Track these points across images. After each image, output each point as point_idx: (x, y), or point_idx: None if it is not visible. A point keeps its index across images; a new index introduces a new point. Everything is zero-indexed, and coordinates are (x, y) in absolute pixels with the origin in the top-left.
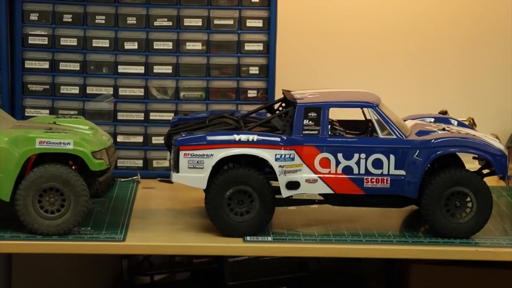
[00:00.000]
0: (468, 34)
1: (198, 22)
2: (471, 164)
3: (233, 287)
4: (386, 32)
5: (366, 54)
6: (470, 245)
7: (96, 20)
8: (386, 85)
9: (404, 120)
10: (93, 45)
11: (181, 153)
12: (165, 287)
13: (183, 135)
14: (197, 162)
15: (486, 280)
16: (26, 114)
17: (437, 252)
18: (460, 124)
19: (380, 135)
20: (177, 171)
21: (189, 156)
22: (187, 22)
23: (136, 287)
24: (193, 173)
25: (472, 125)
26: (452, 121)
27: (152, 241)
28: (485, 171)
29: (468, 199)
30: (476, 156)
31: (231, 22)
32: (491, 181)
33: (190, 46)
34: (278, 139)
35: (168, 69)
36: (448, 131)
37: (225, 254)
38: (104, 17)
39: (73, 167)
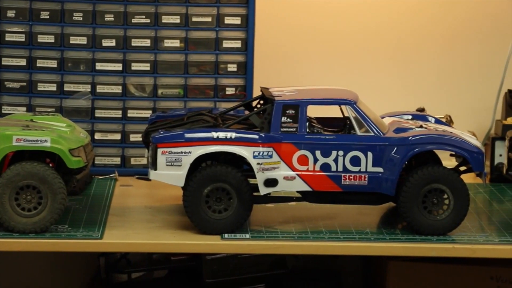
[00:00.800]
0: (446, 32)
1: (176, 20)
2: (448, 161)
3: (211, 284)
4: (364, 29)
5: (344, 52)
6: (447, 242)
7: (73, 17)
8: (364, 82)
9: (382, 118)
10: (71, 42)
11: (159, 150)
12: (143, 284)
13: (161, 132)
14: (175, 159)
15: (463, 276)
16: (3, 112)
17: (414, 249)
18: (438, 121)
19: (358, 132)
20: (155, 169)
21: (167, 153)
22: (165, 19)
23: (113, 285)
24: (171, 171)
25: (449, 122)
26: (430, 118)
27: (130, 238)
28: (462, 168)
29: (445, 196)
30: (453, 153)
31: (209, 19)
32: (468, 178)
33: (168, 43)
34: (256, 136)
35: (146, 67)
36: (426, 128)
37: (203, 251)
38: (81, 14)
39: (50, 165)
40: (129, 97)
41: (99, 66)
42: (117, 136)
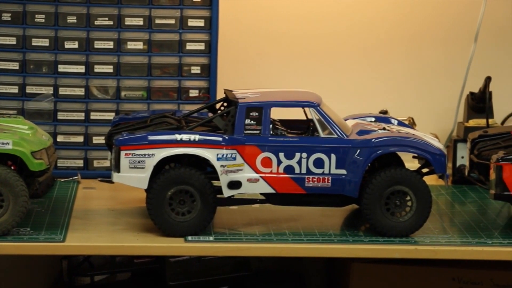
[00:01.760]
0: (408, 34)
1: (140, 22)
2: (411, 163)
3: (174, 287)
4: (328, 32)
5: (307, 54)
6: (410, 243)
7: (35, 19)
8: (327, 84)
9: (345, 120)
10: (33, 44)
11: (122, 153)
12: (106, 287)
13: (124, 134)
14: (138, 162)
15: (425, 278)
16: None
17: (377, 250)
18: (400, 123)
19: (321, 134)
20: (118, 171)
21: (130, 156)
22: (128, 21)
23: None
24: (134, 173)
25: (412, 124)
26: (392, 120)
27: (93, 241)
28: (425, 170)
29: (408, 198)
30: (416, 155)
31: (172, 21)
32: (431, 180)
33: (131, 45)
34: (220, 138)
35: (109, 69)
36: (389, 130)
37: (166, 254)
38: (43, 16)
39: (12, 167)
40: (92, 100)
41: (61, 68)
42: (80, 139)
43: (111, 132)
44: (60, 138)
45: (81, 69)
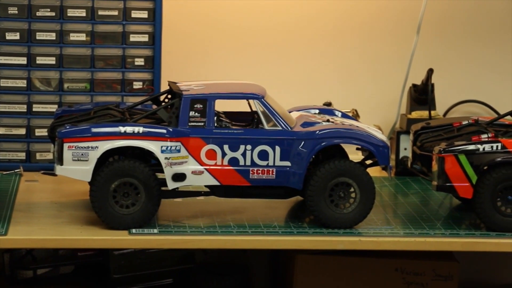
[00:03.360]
0: (351, 26)
1: (82, 13)
2: (355, 155)
3: (118, 280)
4: (272, 24)
5: (252, 46)
6: (354, 235)
7: None
8: (271, 76)
9: (289, 112)
10: None
11: (65, 145)
12: (49, 281)
13: (67, 127)
14: (82, 154)
15: (369, 269)
16: None
17: (322, 242)
18: (344, 115)
19: (266, 126)
20: (61, 164)
21: (73, 148)
22: (71, 12)
23: (18, 282)
24: (78, 166)
25: (355, 116)
26: (336, 112)
27: (35, 234)
28: (368, 161)
29: (352, 189)
30: (360, 147)
31: (115, 13)
32: (374, 171)
33: (74, 37)
34: (164, 131)
35: (51, 60)
36: (332, 122)
37: (110, 247)
38: None
39: None
40: (34, 92)
41: (2, 59)
42: (22, 131)
43: (54, 124)
44: (1, 131)
45: (22, 60)
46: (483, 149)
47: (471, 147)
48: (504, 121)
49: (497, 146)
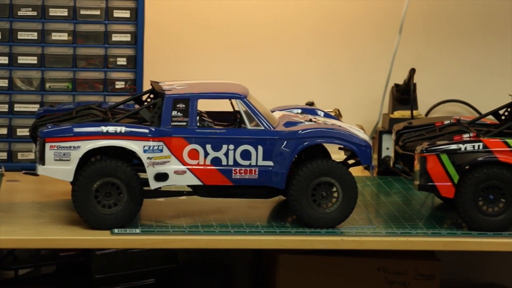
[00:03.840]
0: (334, 26)
1: (64, 12)
2: (337, 154)
3: (100, 280)
4: (255, 23)
5: (235, 46)
6: (336, 234)
7: None
8: (254, 76)
9: (272, 112)
10: None
11: (47, 145)
12: (30, 281)
13: (49, 126)
14: (64, 154)
15: (351, 268)
16: None
17: (304, 242)
18: (327, 115)
19: (248, 126)
20: (43, 164)
21: (55, 148)
22: (52, 12)
23: None
24: (60, 165)
25: (338, 116)
26: (319, 112)
27: (17, 235)
28: (351, 161)
29: (334, 189)
30: (342, 146)
31: (97, 12)
32: (356, 171)
33: (55, 36)
34: (146, 130)
35: (33, 60)
36: (315, 122)
37: (92, 247)
38: None
39: None
40: (15, 91)
41: None
42: (4, 131)
43: (35, 124)
44: None
45: (4, 60)
46: (465, 148)
47: (453, 146)
48: (486, 120)
49: (478, 146)
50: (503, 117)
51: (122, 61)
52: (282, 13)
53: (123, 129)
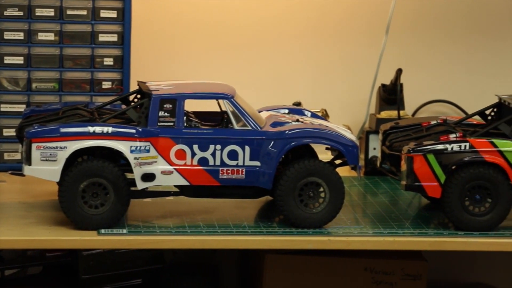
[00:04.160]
0: (321, 26)
1: (51, 12)
2: (324, 154)
3: (87, 280)
4: (242, 23)
5: (222, 46)
6: (323, 234)
7: None
8: (241, 76)
9: (259, 112)
10: None
11: (33, 145)
12: (17, 282)
13: (36, 127)
14: (50, 154)
15: (338, 268)
16: None
17: (291, 242)
18: (314, 115)
19: (236, 126)
20: (29, 164)
21: (42, 148)
22: (39, 12)
23: None
24: (46, 166)
25: (325, 116)
26: (306, 112)
27: (3, 235)
28: (338, 161)
29: (321, 189)
30: (329, 146)
31: (84, 12)
32: (343, 171)
33: (42, 36)
34: (133, 131)
35: (19, 60)
36: (302, 122)
37: (79, 247)
38: None
39: None
40: (2, 91)
41: None
42: None
43: (22, 124)
44: None
45: None
46: (452, 148)
47: (440, 146)
48: (472, 121)
49: (465, 146)
50: (489, 117)
51: (109, 61)
52: (269, 14)
53: (109, 129)
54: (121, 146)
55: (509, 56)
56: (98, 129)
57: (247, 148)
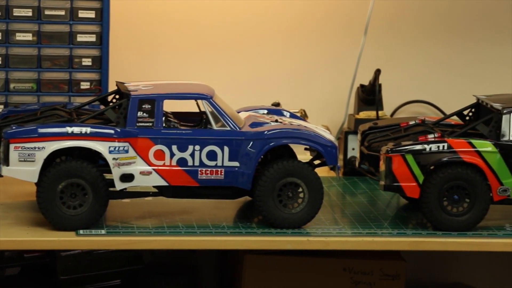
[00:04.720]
0: (299, 26)
1: (28, 12)
2: (303, 155)
3: (65, 281)
4: (220, 24)
5: (200, 46)
6: (302, 235)
7: None
8: (220, 77)
9: (238, 112)
10: None
11: (11, 146)
12: None
13: (14, 127)
14: (28, 155)
15: (317, 268)
16: None
17: (270, 242)
18: (293, 115)
19: (214, 127)
20: (7, 165)
21: (20, 149)
22: (17, 12)
23: None
24: (24, 166)
25: (304, 116)
26: (285, 112)
27: None
28: (317, 162)
29: (300, 189)
30: (308, 147)
31: (62, 12)
32: (322, 171)
33: (20, 36)
34: (112, 131)
35: None
36: (281, 122)
37: (57, 248)
38: None
39: None
40: None
41: None
42: None
43: None
44: None
45: None
46: (430, 149)
47: (418, 147)
48: (450, 121)
49: (443, 146)
50: (467, 118)
51: (87, 62)
52: (247, 14)
53: (88, 129)
54: (100, 146)
55: (487, 57)
56: (76, 129)
57: (226, 149)
